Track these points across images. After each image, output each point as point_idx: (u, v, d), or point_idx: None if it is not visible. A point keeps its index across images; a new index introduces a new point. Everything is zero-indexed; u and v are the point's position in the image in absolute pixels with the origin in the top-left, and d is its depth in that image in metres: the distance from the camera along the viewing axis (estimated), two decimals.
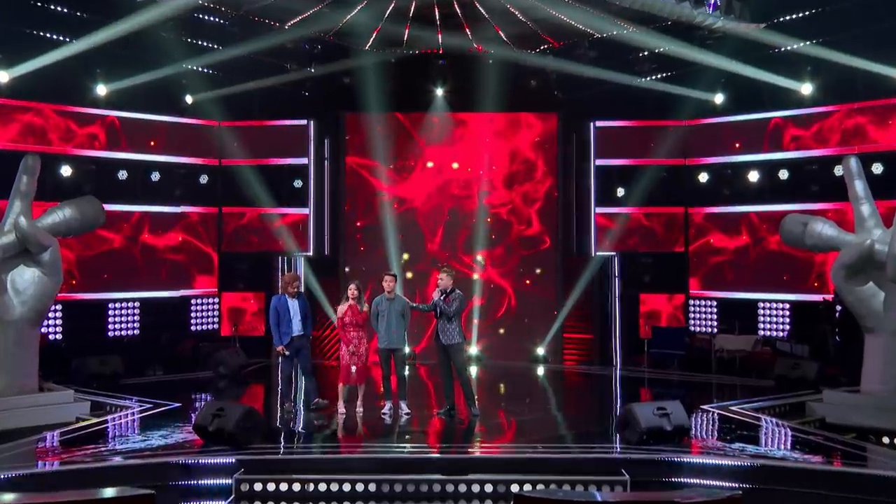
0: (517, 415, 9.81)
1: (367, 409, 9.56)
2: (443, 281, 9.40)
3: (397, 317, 9.44)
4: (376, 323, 9.52)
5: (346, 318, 9.48)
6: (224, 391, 11.99)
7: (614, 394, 12.44)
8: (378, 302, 9.56)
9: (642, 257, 15.07)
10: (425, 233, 15.46)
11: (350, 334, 9.42)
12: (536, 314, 15.27)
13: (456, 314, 9.33)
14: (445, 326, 9.34)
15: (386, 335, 9.45)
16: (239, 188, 15.02)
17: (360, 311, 9.46)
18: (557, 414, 10.40)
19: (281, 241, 15.09)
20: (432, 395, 11.35)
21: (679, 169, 14.92)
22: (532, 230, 15.43)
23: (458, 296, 9.38)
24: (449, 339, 9.33)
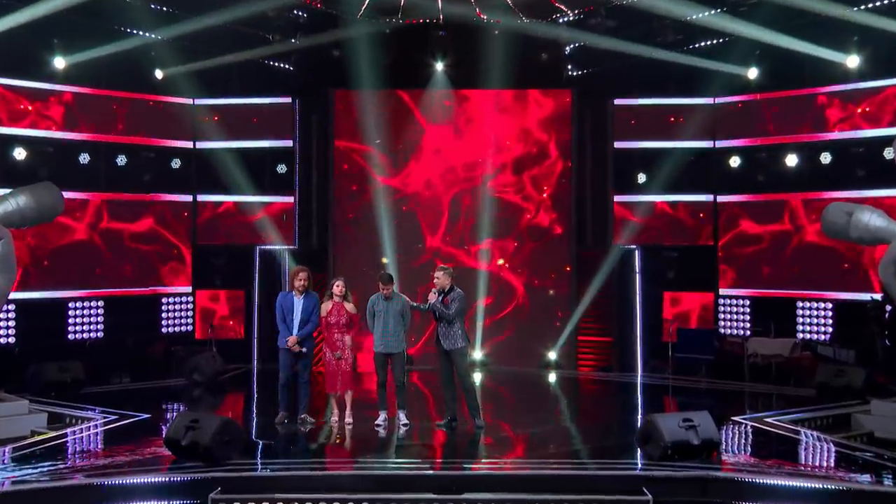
0: (526, 427, 9.79)
1: (359, 421, 9.54)
2: (439, 280, 9.33)
3: (396, 317, 9.38)
4: (372, 323, 9.49)
5: (330, 318, 9.44)
6: (199, 400, 11.98)
7: (635, 403, 12.42)
8: (374, 301, 9.49)
9: (666, 251, 15.04)
10: (422, 224, 15.47)
11: (335, 336, 9.39)
12: (548, 314, 15.28)
13: (457, 316, 9.27)
14: (447, 330, 9.29)
15: (382, 338, 9.39)
16: (216, 174, 14.99)
17: (345, 310, 9.42)
18: (571, 426, 10.38)
19: (263, 232, 15.10)
20: (432, 404, 11.34)
21: (707, 152, 14.87)
22: (543, 220, 15.45)
23: (458, 296, 9.32)
24: (451, 344, 9.28)
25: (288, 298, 9.62)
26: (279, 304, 9.65)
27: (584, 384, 14.16)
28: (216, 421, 7.80)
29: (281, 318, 9.59)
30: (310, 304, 9.62)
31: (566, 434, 9.80)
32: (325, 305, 9.48)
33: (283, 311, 9.58)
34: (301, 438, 9.18)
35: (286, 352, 9.59)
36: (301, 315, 9.55)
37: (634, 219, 14.99)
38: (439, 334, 9.33)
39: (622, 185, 15.11)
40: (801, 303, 13.95)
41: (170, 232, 15.03)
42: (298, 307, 9.58)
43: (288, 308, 9.56)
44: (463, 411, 9.51)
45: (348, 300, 9.53)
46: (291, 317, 9.55)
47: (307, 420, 9.64)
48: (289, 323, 9.58)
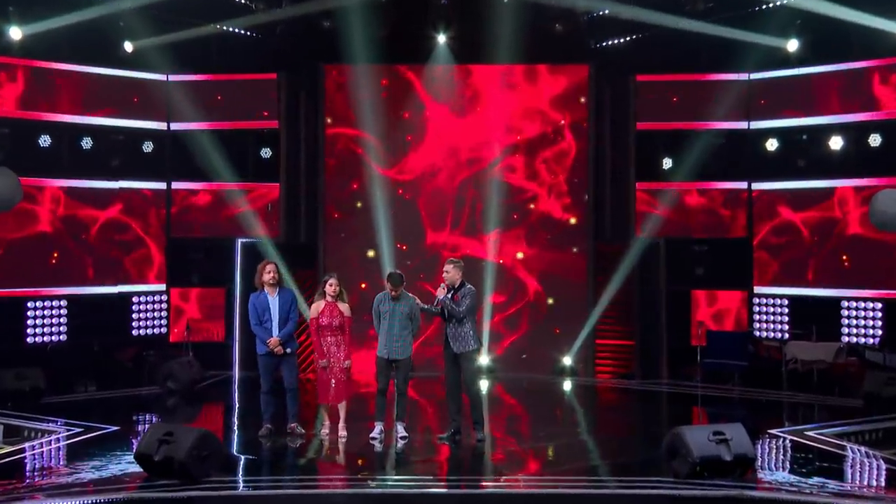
0: (539, 441, 9.76)
1: (353, 433, 9.52)
2: (449, 274, 9.30)
3: (402, 320, 9.34)
4: (378, 323, 9.46)
5: (322, 320, 9.39)
6: (174, 411, 11.97)
7: (660, 414, 12.41)
8: (380, 300, 9.46)
9: (695, 244, 14.99)
10: (423, 214, 15.45)
11: (327, 340, 9.35)
12: (562, 314, 15.26)
13: (468, 315, 9.24)
14: (457, 331, 9.25)
15: (387, 342, 9.36)
16: (192, 159, 14.98)
17: (339, 311, 9.37)
18: (589, 439, 10.36)
19: (245, 224, 15.06)
20: (433, 415, 11.31)
21: (741, 134, 14.82)
22: (556, 209, 15.42)
23: (470, 292, 9.29)
24: (462, 346, 9.24)
25: (261, 298, 9.55)
26: (252, 306, 9.60)
27: (603, 393, 14.13)
28: (193, 434, 7.78)
29: (256, 322, 9.53)
30: (286, 300, 9.54)
31: (583, 449, 9.77)
32: (317, 305, 9.43)
33: (257, 314, 9.52)
34: (289, 453, 9.14)
35: (266, 357, 9.53)
36: (279, 314, 9.49)
37: (659, 209, 14.96)
38: (448, 336, 9.29)
39: (646, 171, 15.04)
40: (846, 302, 13.86)
41: (141, 223, 15.00)
42: (274, 305, 9.49)
43: (263, 308, 9.49)
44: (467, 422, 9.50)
45: (343, 300, 9.48)
46: (269, 317, 9.47)
47: (297, 431, 9.60)
48: (266, 325, 9.52)
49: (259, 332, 9.51)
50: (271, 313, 9.45)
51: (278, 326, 9.47)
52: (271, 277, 9.52)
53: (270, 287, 9.55)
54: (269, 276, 9.52)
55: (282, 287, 9.61)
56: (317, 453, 9.19)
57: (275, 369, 9.57)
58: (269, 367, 9.56)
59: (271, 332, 9.45)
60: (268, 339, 9.44)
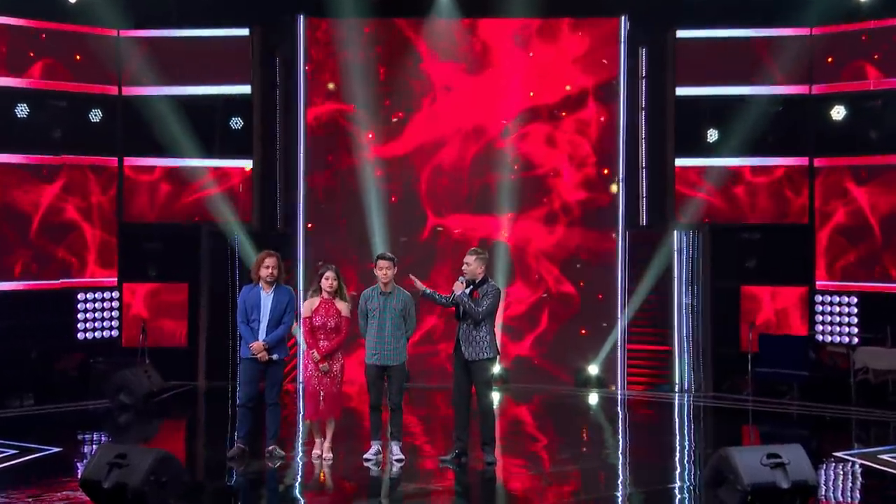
0: (561, 464, 9.70)
1: (342, 454, 9.45)
2: (470, 267, 9.24)
3: (395, 319, 9.26)
4: (364, 325, 9.40)
5: (315, 319, 9.32)
6: (127, 429, 11.93)
7: (703, 433, 12.38)
8: (368, 296, 9.38)
9: (745, 232, 14.96)
10: (423, 195, 15.44)
11: (321, 343, 9.30)
12: (587, 314, 15.26)
13: (487, 317, 9.19)
14: (471, 334, 9.16)
15: (377, 345, 9.27)
16: (148, 130, 14.95)
17: (336, 310, 9.32)
18: (617, 462, 10.33)
19: (212, 207, 15.05)
20: (436, 432, 11.27)
21: (802, 101, 14.75)
22: (580, 191, 15.37)
23: (493, 290, 9.22)
24: (475, 353, 9.16)
25: (253, 294, 9.49)
26: (242, 301, 9.53)
27: (635, 407, 14.10)
28: (150, 456, 7.69)
29: (244, 319, 9.49)
30: (282, 299, 9.44)
31: (612, 474, 9.68)
32: (310, 303, 9.36)
33: (246, 311, 9.48)
34: (268, 477, 9.07)
35: (250, 363, 9.47)
36: (271, 314, 9.42)
37: (703, 190, 14.93)
38: (460, 338, 9.21)
39: (687, 144, 15.02)
40: None
41: (87, 206, 14.94)
42: (267, 304, 9.40)
43: (253, 305, 9.45)
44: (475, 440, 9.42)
45: (343, 297, 9.42)
46: (257, 316, 9.43)
47: (276, 454, 9.56)
48: (254, 325, 9.47)
49: (244, 332, 9.46)
50: (261, 312, 9.38)
51: (266, 329, 9.43)
52: (269, 274, 9.45)
53: (267, 283, 9.50)
54: (268, 273, 9.45)
55: (279, 284, 9.58)
56: (298, 479, 9.09)
57: (258, 378, 9.52)
58: (250, 376, 9.48)
59: (257, 335, 9.41)
60: (252, 341, 9.40)
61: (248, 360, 9.45)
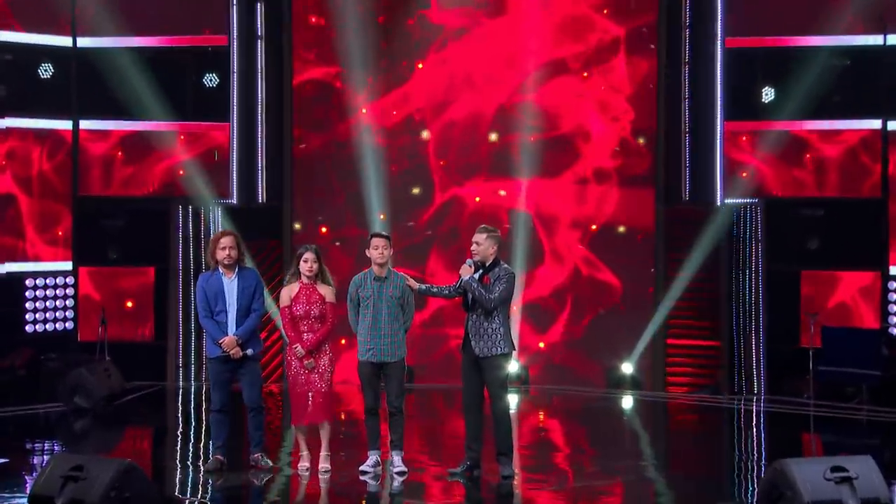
0: (591, 478, 9.63)
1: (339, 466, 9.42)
2: (480, 247, 9.15)
3: (391, 308, 9.18)
4: (355, 318, 9.36)
5: (296, 309, 9.27)
6: (84, 437, 11.95)
7: (756, 443, 12.32)
8: (359, 282, 9.30)
9: (806, 207, 14.95)
10: (431, 156, 15.48)
11: (304, 336, 9.29)
12: (621, 304, 15.35)
13: (501, 305, 9.12)
14: (482, 326, 9.06)
15: (371, 339, 9.18)
16: (108, 89, 15.00)
17: (319, 296, 9.31)
18: (658, 478, 10.24)
19: (183, 179, 15.15)
20: (444, 440, 11.30)
21: (874, 53, 14.72)
22: (612, 158, 15.41)
23: (506, 274, 9.13)
24: (488, 348, 9.07)
25: (214, 281, 9.41)
26: (201, 290, 9.45)
27: (677, 413, 14.13)
28: (110, 468, 7.59)
29: (206, 313, 9.44)
30: (248, 284, 9.35)
31: (650, 491, 9.58)
32: (288, 290, 9.32)
33: (207, 302, 9.44)
34: (253, 492, 9.02)
35: (218, 363, 9.42)
36: (238, 303, 9.34)
37: (756, 158, 14.95)
38: (469, 331, 9.11)
39: (738, 105, 15.03)
40: None
41: (36, 177, 15.00)
42: (232, 291, 9.30)
43: (216, 295, 9.39)
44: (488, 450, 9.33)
45: (326, 281, 9.40)
46: (223, 307, 9.37)
47: (261, 463, 9.56)
48: (219, 318, 9.40)
49: (209, 327, 9.40)
50: (226, 302, 9.33)
51: (235, 321, 9.39)
52: (227, 255, 9.39)
53: (227, 267, 9.46)
54: (225, 254, 9.40)
55: (242, 267, 9.54)
56: (286, 494, 9.05)
57: (230, 379, 9.49)
58: (222, 377, 9.43)
59: (226, 329, 9.37)
60: (220, 338, 9.36)
61: (217, 361, 9.42)
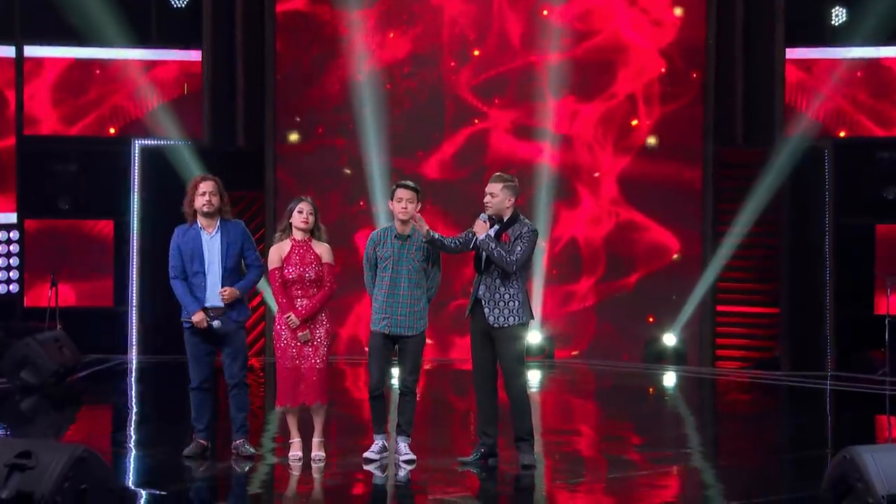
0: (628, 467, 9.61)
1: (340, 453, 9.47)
2: (495, 199, 9.04)
3: (413, 273, 9.20)
4: (372, 280, 9.43)
5: (288, 272, 9.27)
6: (32, 419, 11.99)
7: (822, 427, 12.34)
8: (377, 239, 9.29)
9: (883, 150, 14.97)
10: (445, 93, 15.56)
11: (297, 303, 9.31)
12: (661, 264, 15.50)
13: (520, 267, 9.12)
14: (497, 291, 9.01)
15: (387, 307, 9.18)
16: (57, 8, 14.98)
17: (314, 256, 9.31)
18: (706, 466, 10.27)
19: (147, 116, 15.23)
20: (454, 425, 11.36)
21: None
22: (650, 89, 15.48)
23: (527, 231, 9.05)
24: (502, 318, 9.00)
25: (191, 236, 9.39)
26: (175, 247, 9.39)
27: (728, 391, 14.16)
28: (63, 455, 7.64)
29: (177, 273, 9.43)
30: (234, 239, 9.34)
31: (696, 481, 9.60)
32: (279, 248, 9.29)
33: (183, 261, 9.45)
34: (235, 483, 9.01)
35: (196, 331, 9.49)
36: (223, 261, 9.32)
37: (823, 92, 14.97)
38: (482, 297, 9.07)
39: (801, 29, 15.07)
40: None
41: None
42: (214, 248, 9.27)
43: (192, 253, 9.39)
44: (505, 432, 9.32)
45: (321, 238, 9.39)
46: (199, 268, 9.36)
47: (243, 449, 9.60)
48: (196, 280, 9.42)
49: (179, 292, 9.36)
50: (204, 262, 9.28)
51: (221, 283, 9.39)
52: (207, 203, 9.37)
53: (206, 218, 9.43)
54: (205, 199, 9.36)
55: (226, 220, 9.50)
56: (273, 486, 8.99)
57: (211, 351, 9.48)
58: (200, 348, 9.42)
59: (202, 296, 9.35)
60: (192, 308, 9.34)
61: (193, 331, 9.43)
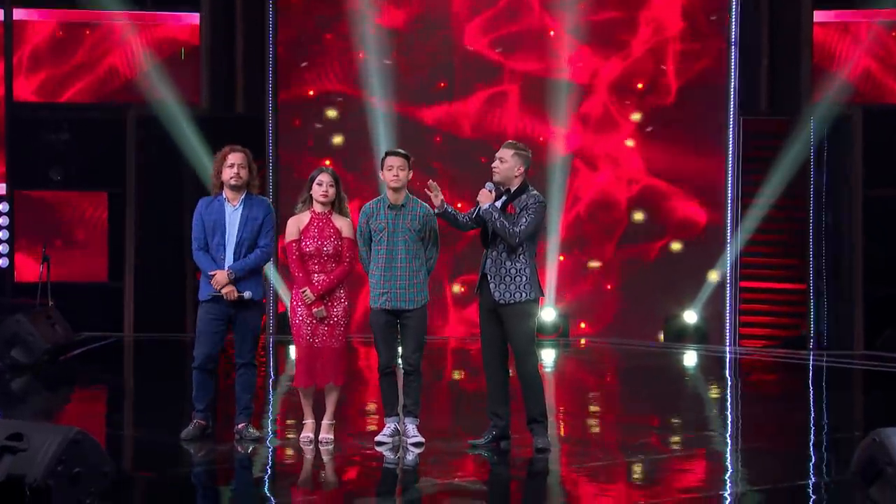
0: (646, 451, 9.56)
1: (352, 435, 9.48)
2: (505, 165, 8.99)
3: (410, 243, 9.21)
4: (367, 255, 9.49)
5: (306, 244, 9.25)
6: (23, 400, 12.01)
7: (851, 408, 12.40)
8: (370, 211, 9.27)
9: None
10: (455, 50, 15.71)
11: (314, 278, 9.31)
12: (681, 237, 15.67)
13: (525, 240, 9.11)
14: (503, 266, 8.95)
15: (385, 281, 9.21)
16: None
17: (334, 229, 9.31)
18: (729, 450, 10.34)
19: (142, 81, 15.36)
20: (465, 404, 11.39)
21: None
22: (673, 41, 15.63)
23: (535, 202, 9.01)
24: (510, 294, 8.97)
25: (215, 207, 9.36)
26: (198, 217, 9.36)
27: (752, 371, 14.18)
28: (56, 437, 7.67)
29: (200, 244, 9.43)
30: (256, 214, 9.27)
31: (719, 465, 9.60)
32: (297, 220, 9.27)
33: (204, 232, 9.43)
34: (239, 467, 8.99)
35: (210, 306, 9.48)
36: (239, 234, 9.35)
37: (854, 55, 15.06)
38: (488, 272, 9.05)
39: None
40: None
41: None
42: (234, 221, 9.24)
43: (214, 225, 9.38)
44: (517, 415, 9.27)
45: (343, 212, 9.39)
46: (221, 240, 9.36)
47: (247, 433, 9.60)
48: (217, 252, 9.41)
49: (202, 261, 9.34)
50: (225, 234, 9.32)
51: (235, 252, 9.41)
52: (235, 176, 9.36)
53: (233, 191, 9.45)
54: (233, 172, 9.35)
55: (252, 195, 9.51)
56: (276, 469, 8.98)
57: (222, 330, 9.48)
58: (212, 325, 9.39)
59: (223, 265, 9.38)
60: (212, 270, 9.37)
61: (210, 303, 9.43)
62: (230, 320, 9.48)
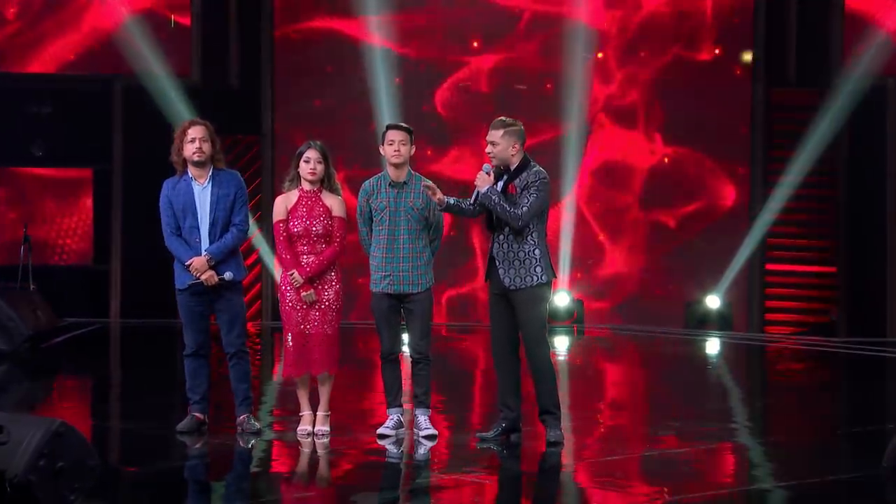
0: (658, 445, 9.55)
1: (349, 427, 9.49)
2: (497, 147, 8.97)
3: (413, 223, 9.21)
4: (368, 236, 9.53)
5: (293, 225, 9.27)
6: (4, 390, 12.09)
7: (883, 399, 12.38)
8: (370, 188, 9.26)
9: None
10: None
11: (303, 260, 9.32)
12: (704, 218, 15.73)
13: (529, 220, 9.09)
14: (510, 249, 8.94)
15: (387, 263, 9.21)
16: None
17: (324, 207, 9.32)
18: (754, 443, 10.29)
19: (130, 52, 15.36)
20: (475, 396, 11.47)
21: None
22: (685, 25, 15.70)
23: (537, 179, 9.00)
24: (519, 278, 8.95)
25: (182, 188, 9.39)
26: (165, 201, 9.38)
27: (778, 359, 14.20)
28: (38, 430, 7.73)
29: (172, 230, 9.45)
30: (227, 191, 9.28)
31: (743, 459, 9.58)
32: (285, 199, 9.29)
33: (173, 214, 9.45)
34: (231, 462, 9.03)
35: (190, 294, 9.50)
36: (212, 213, 9.36)
37: (886, 23, 15.09)
38: (496, 257, 9.08)
39: None
40: None
41: None
42: (205, 200, 9.23)
43: (184, 207, 9.39)
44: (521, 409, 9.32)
45: (334, 190, 9.40)
46: (193, 222, 9.36)
47: (248, 425, 9.61)
48: (190, 237, 9.44)
49: (176, 247, 9.37)
50: (197, 215, 9.33)
51: (208, 238, 9.41)
52: (197, 149, 9.37)
53: (197, 168, 9.45)
54: (195, 147, 9.36)
55: (219, 169, 9.51)
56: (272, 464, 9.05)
57: (206, 314, 9.51)
58: (195, 311, 9.46)
59: (199, 248, 9.41)
60: (188, 259, 9.39)
61: (189, 291, 9.46)
62: (211, 303, 9.51)
